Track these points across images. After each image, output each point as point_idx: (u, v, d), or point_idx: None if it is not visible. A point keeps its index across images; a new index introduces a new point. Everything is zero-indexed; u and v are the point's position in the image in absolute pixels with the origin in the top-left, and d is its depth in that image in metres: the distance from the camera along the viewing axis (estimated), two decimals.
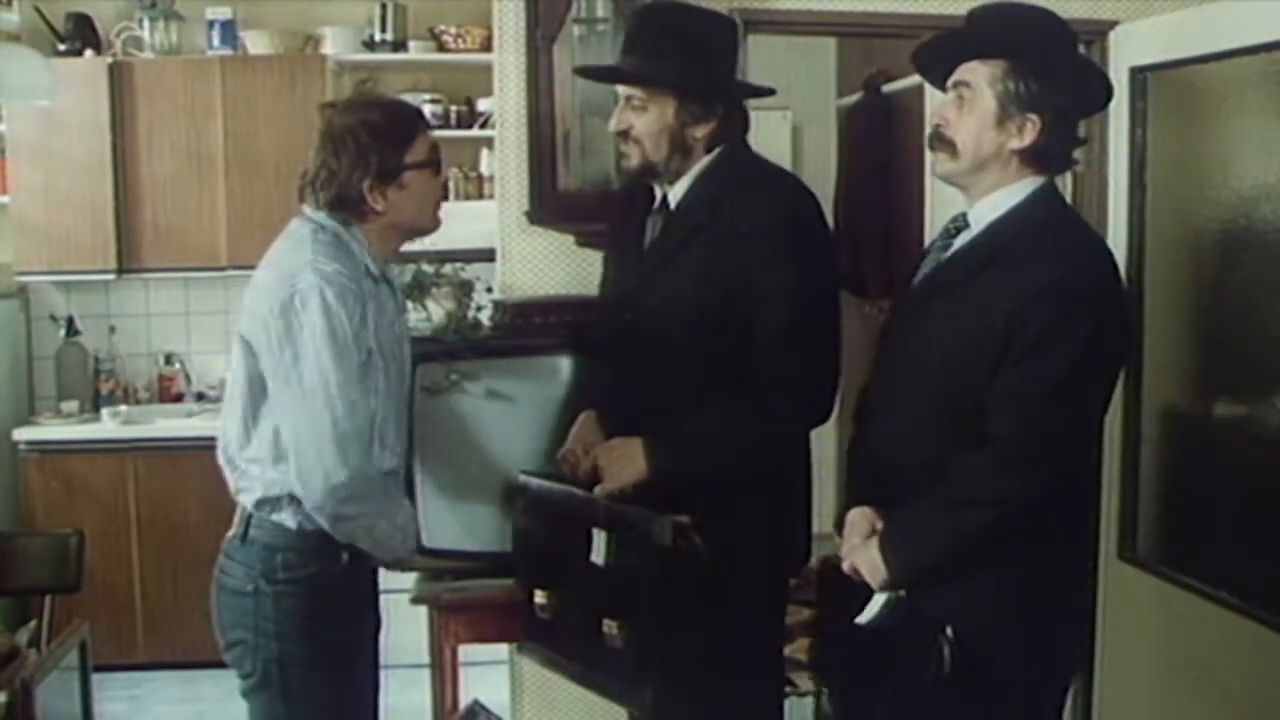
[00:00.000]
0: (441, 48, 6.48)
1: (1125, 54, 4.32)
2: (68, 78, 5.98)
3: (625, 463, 3.13)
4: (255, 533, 3.01)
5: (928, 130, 2.96)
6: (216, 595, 3.09)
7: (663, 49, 3.15)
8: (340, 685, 3.10)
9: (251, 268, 3.07)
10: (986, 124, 2.76)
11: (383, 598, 3.25)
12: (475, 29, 6.35)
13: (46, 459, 6.14)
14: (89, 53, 6.32)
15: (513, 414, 3.60)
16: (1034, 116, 2.74)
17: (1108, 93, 2.91)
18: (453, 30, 6.42)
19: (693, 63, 3.13)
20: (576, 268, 4.15)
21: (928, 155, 6.32)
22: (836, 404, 3.22)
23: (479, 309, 3.73)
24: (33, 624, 3.72)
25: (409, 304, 3.46)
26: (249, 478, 3.02)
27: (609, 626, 3.03)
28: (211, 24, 6.38)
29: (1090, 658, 4.62)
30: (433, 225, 3.11)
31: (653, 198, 3.32)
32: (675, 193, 3.23)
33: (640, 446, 3.13)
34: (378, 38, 6.45)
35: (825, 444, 3.40)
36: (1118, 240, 4.36)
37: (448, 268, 3.65)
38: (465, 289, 3.66)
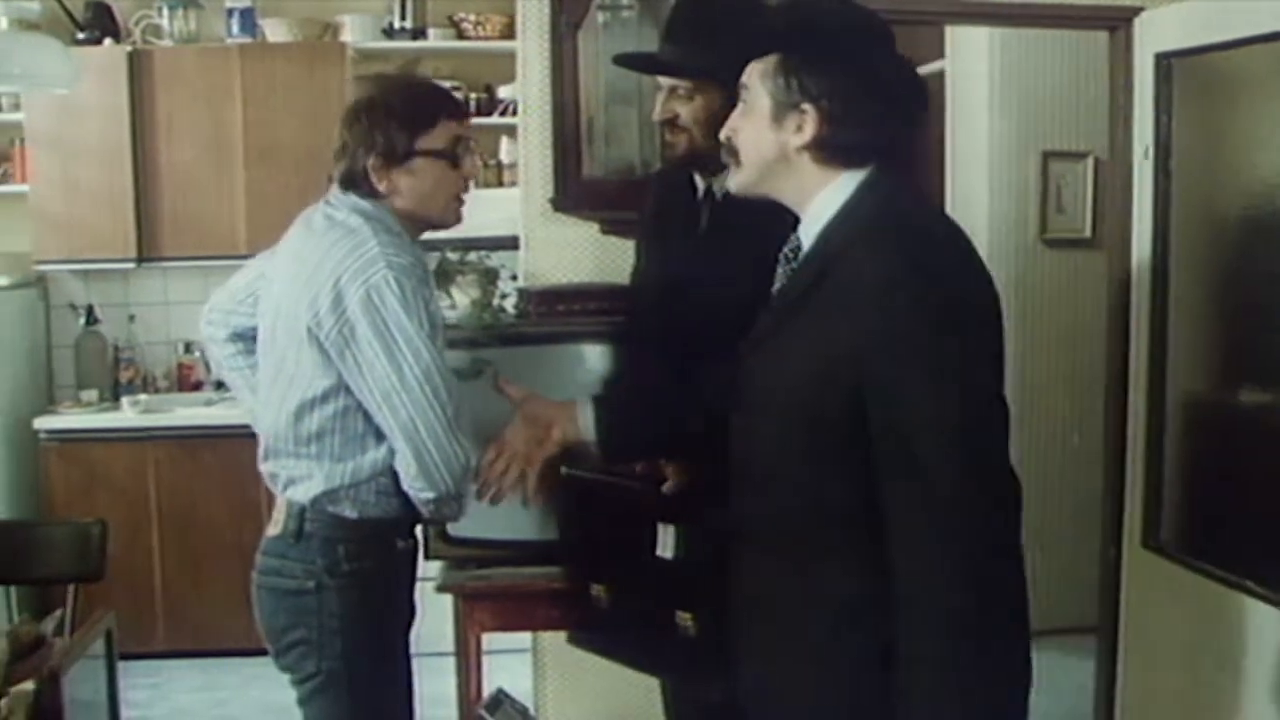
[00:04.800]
0: (461, 35, 6.48)
1: (1150, 40, 4.30)
2: (87, 66, 5.93)
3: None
4: (312, 527, 2.92)
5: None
6: (264, 598, 3.01)
7: (705, 37, 3.06)
8: (396, 676, 3.07)
9: None
10: (763, 124, 2.47)
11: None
12: (494, 16, 6.35)
13: (67, 448, 6.16)
14: (108, 41, 6.33)
15: None
16: (808, 107, 2.41)
17: (913, 87, 2.55)
18: (472, 18, 6.42)
19: (742, 50, 3.07)
20: (601, 255, 4.15)
21: (948, 144, 6.37)
22: None
23: (504, 297, 3.72)
24: (59, 613, 3.72)
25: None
26: (302, 472, 2.94)
27: (682, 618, 2.99)
28: (231, 12, 6.39)
29: (1113, 646, 4.62)
30: (444, 220, 3.01)
31: (692, 184, 3.26)
32: (721, 182, 3.16)
33: None
34: (397, 25, 6.45)
35: None
36: (1142, 228, 4.34)
37: (472, 255, 3.64)
38: (490, 277, 3.65)
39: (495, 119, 6.41)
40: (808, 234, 2.49)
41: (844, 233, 2.42)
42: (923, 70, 6.47)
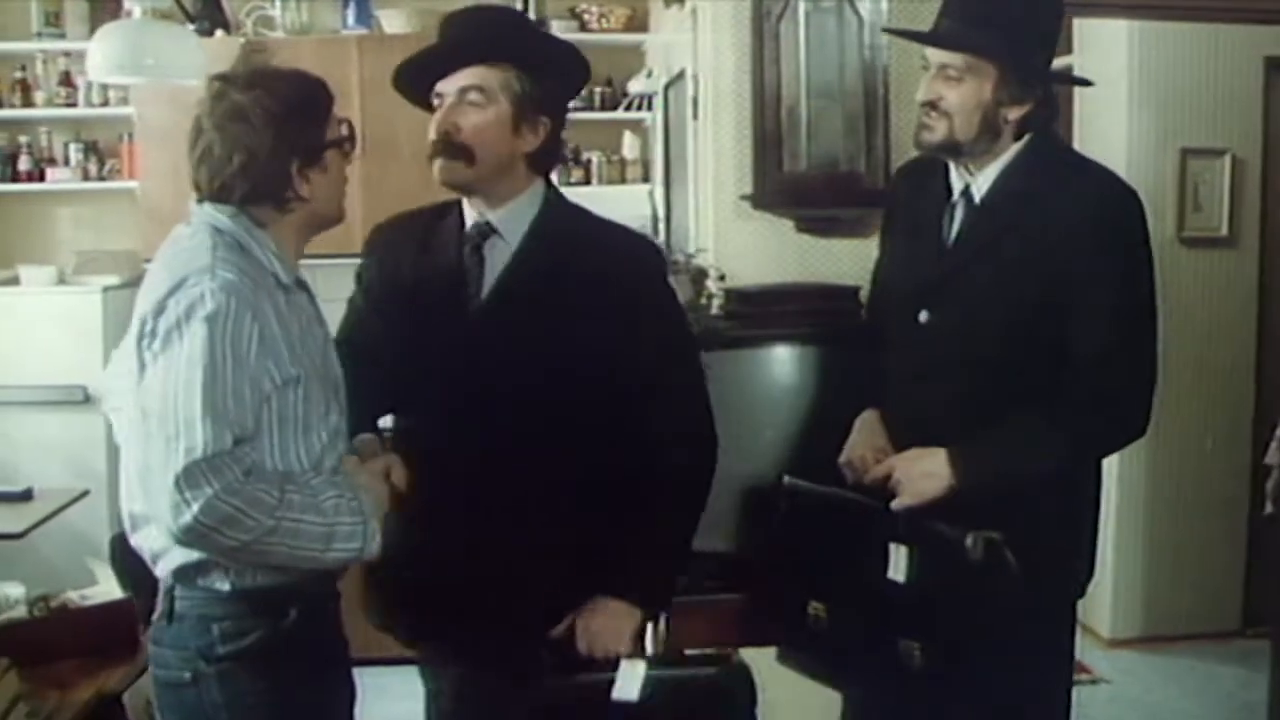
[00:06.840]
0: (583, 27, 6.36)
1: None
2: None
3: (929, 479, 2.90)
4: (182, 606, 2.50)
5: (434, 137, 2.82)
6: (156, 692, 2.60)
7: (991, 17, 2.89)
8: None
9: None
10: (504, 130, 2.71)
11: None
12: (618, 9, 6.24)
13: None
14: (219, 33, 6.20)
15: (742, 405, 3.46)
16: (545, 119, 2.74)
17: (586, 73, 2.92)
18: (595, 10, 6.30)
19: (1022, 36, 2.93)
20: (794, 254, 4.02)
21: (1076, 141, 6.23)
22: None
23: (710, 297, 3.60)
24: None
25: None
26: (164, 541, 2.44)
27: (907, 646, 2.85)
28: (346, 2, 6.27)
29: None
30: (340, 214, 2.69)
31: (946, 180, 3.07)
32: (980, 184, 2.99)
33: (945, 460, 2.89)
34: None
35: None
36: None
37: (678, 255, 3.53)
38: (699, 276, 3.53)
39: (619, 114, 6.28)
40: (510, 231, 2.81)
41: (540, 233, 2.79)
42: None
